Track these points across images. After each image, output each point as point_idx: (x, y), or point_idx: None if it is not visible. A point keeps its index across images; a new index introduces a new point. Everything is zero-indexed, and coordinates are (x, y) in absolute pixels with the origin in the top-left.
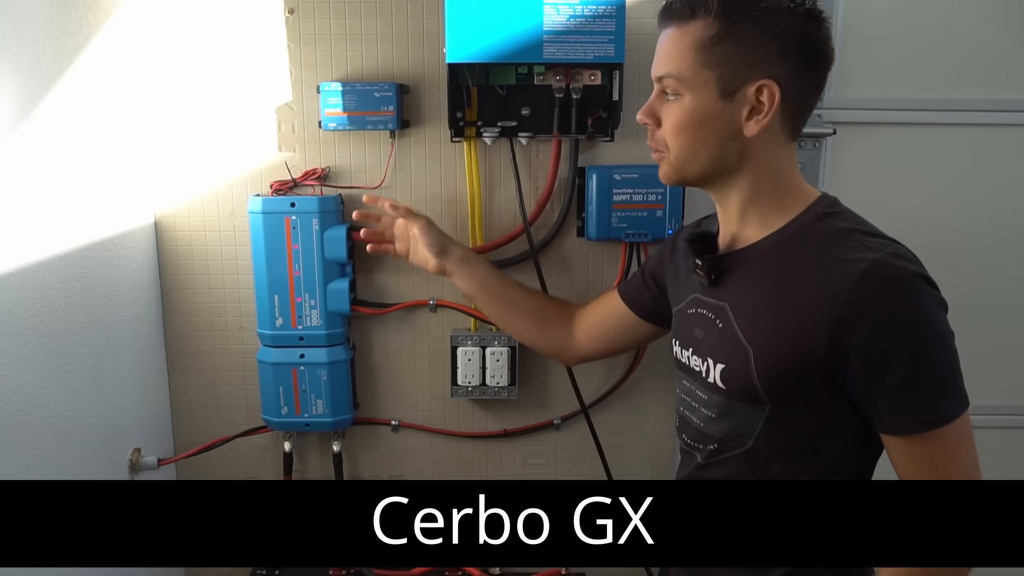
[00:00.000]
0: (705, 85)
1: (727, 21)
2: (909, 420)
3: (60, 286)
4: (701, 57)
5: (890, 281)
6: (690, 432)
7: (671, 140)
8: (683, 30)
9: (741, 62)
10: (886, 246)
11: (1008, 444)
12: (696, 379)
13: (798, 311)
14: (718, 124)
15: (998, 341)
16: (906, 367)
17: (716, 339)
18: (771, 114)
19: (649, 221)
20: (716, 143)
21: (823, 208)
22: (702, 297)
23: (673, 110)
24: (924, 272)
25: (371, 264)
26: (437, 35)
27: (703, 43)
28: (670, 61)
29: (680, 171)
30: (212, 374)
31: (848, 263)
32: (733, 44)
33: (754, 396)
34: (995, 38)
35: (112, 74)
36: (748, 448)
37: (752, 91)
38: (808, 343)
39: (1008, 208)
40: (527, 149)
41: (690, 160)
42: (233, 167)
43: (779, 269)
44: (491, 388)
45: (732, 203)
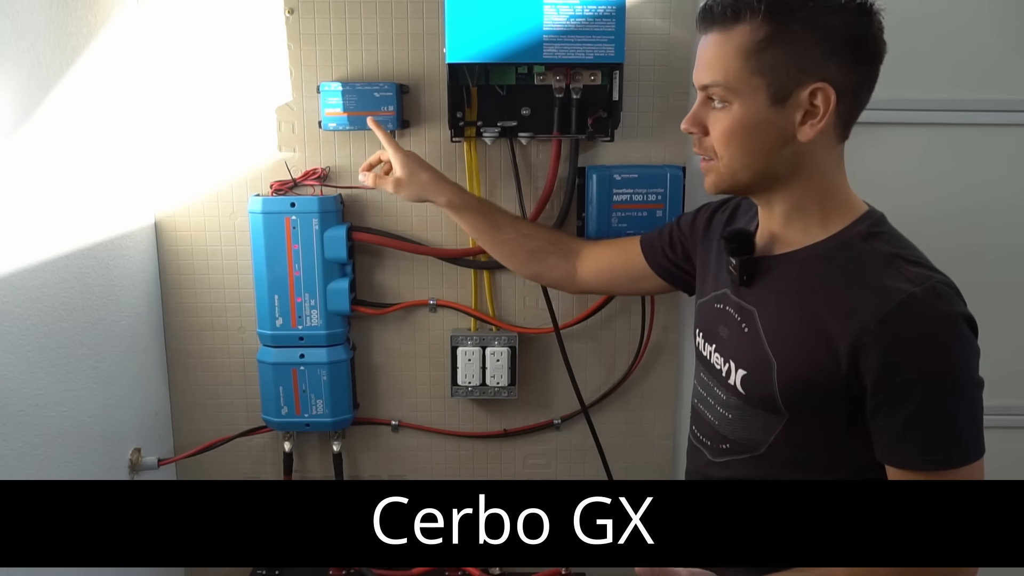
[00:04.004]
0: (755, 92)
1: (775, 23)
2: (910, 455)
3: (60, 286)
4: (750, 63)
5: (922, 321)
6: (702, 427)
7: (721, 149)
8: (727, 35)
9: (792, 66)
10: (927, 279)
11: (1008, 444)
12: (716, 377)
13: (826, 330)
14: (770, 131)
15: (998, 341)
16: (918, 406)
17: (741, 343)
18: (827, 118)
19: (649, 221)
20: (768, 150)
21: (867, 227)
22: (732, 296)
23: (721, 118)
24: (964, 311)
25: (371, 264)
26: (437, 35)
27: (751, 48)
28: (716, 69)
29: (731, 179)
30: (212, 374)
31: (885, 292)
32: (783, 48)
33: (772, 406)
34: (995, 38)
35: (112, 74)
36: (759, 454)
37: (805, 95)
38: (832, 363)
39: (1008, 208)
40: (527, 149)
41: (741, 169)
42: (233, 167)
43: (813, 283)
44: (491, 388)
45: (777, 208)
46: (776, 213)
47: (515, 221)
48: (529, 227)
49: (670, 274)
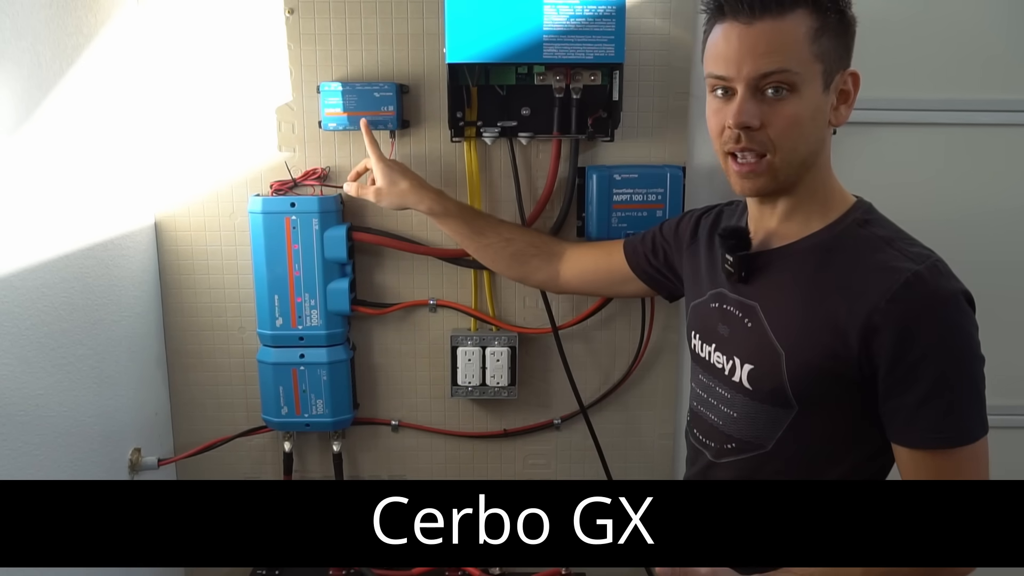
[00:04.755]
0: (815, 78)
1: (823, 10)
2: (923, 433)
3: (60, 286)
4: (814, 49)
5: (929, 297)
6: (703, 428)
7: (783, 139)
8: (784, 21)
9: (837, 52)
10: (927, 258)
11: (1008, 444)
12: (717, 376)
13: (834, 315)
14: (822, 117)
15: (998, 341)
16: (931, 384)
17: (744, 338)
18: (853, 100)
19: (649, 221)
20: (819, 137)
21: (862, 214)
22: (729, 294)
23: (785, 107)
24: (964, 288)
25: (371, 264)
26: (437, 35)
27: (813, 34)
28: (781, 55)
29: (788, 171)
30: (212, 374)
31: (889, 272)
32: (831, 33)
33: (782, 399)
34: (995, 38)
35: (112, 74)
36: (766, 451)
37: (842, 79)
38: (842, 347)
39: (1008, 208)
40: (527, 149)
41: (798, 160)
42: (233, 167)
43: (816, 272)
44: (491, 388)
45: (781, 203)
46: (778, 211)
47: (497, 225)
48: (511, 230)
49: (651, 279)
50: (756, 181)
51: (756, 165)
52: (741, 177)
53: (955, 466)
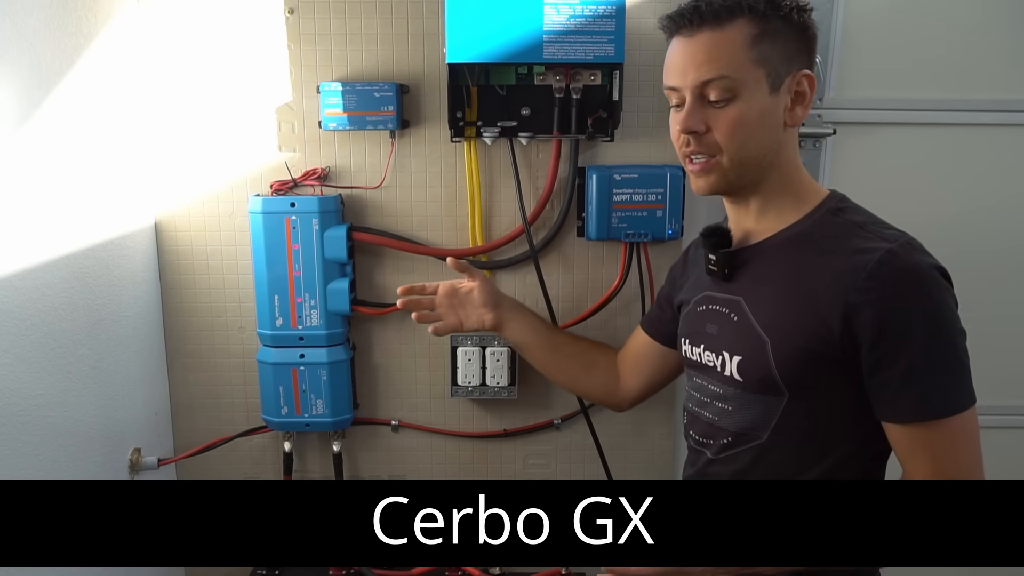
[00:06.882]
0: (757, 83)
1: (765, 17)
2: (910, 406)
3: (60, 286)
4: (752, 55)
5: (905, 271)
6: (700, 428)
7: (727, 142)
8: (723, 32)
9: (784, 55)
10: (900, 236)
11: (1008, 444)
12: (709, 374)
13: (814, 299)
14: (771, 119)
15: (998, 340)
16: (914, 356)
17: (731, 332)
18: (809, 101)
19: (649, 221)
20: (769, 138)
21: (835, 203)
22: (714, 293)
23: (727, 111)
24: (939, 264)
25: (371, 264)
26: (437, 35)
27: (751, 41)
28: (720, 63)
29: (736, 172)
30: (212, 374)
31: (864, 252)
32: (774, 39)
33: (772, 386)
34: (995, 38)
35: (112, 74)
36: (763, 442)
37: (793, 82)
38: (824, 329)
39: (1009, 208)
40: (527, 149)
41: (746, 160)
42: (233, 167)
43: (795, 260)
44: (491, 388)
45: (753, 203)
46: (752, 209)
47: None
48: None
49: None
50: (708, 179)
51: (706, 164)
52: (695, 176)
53: (945, 437)
